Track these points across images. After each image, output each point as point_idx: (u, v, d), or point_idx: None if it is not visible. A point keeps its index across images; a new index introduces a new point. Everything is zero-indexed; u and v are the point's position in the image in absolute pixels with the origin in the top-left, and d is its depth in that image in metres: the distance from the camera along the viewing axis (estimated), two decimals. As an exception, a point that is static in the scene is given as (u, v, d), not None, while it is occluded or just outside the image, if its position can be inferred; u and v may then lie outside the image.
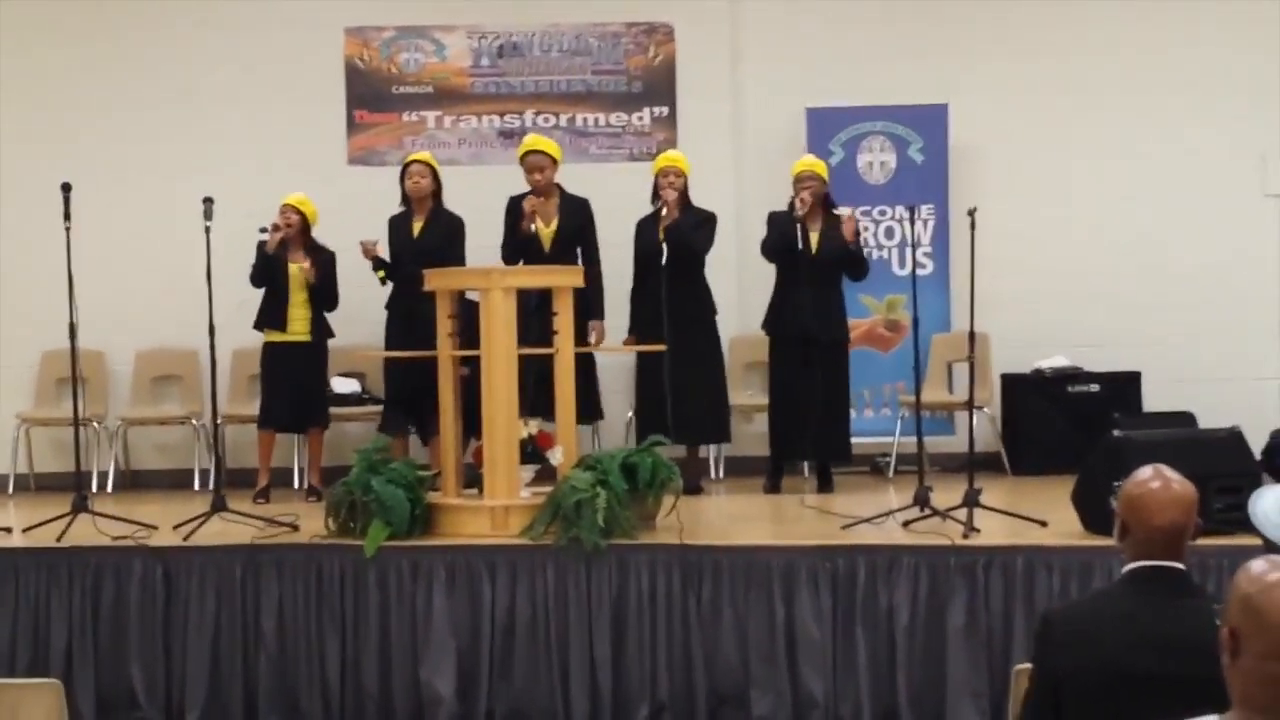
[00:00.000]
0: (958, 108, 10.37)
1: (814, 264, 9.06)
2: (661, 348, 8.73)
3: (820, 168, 9.26)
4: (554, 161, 9.12)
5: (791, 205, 9.07)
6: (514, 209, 9.10)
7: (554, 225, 9.12)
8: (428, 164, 9.28)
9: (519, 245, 9.01)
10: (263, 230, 9.16)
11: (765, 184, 9.98)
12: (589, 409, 9.01)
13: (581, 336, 8.67)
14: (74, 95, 10.55)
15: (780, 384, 9.27)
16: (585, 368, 8.86)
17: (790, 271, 9.13)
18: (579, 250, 9.13)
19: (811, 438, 9.14)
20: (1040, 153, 10.47)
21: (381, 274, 9.14)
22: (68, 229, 7.88)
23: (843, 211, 9.23)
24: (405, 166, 9.34)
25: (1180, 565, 3.69)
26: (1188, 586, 3.70)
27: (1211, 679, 2.86)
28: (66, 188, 7.90)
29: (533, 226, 8.97)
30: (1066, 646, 3.68)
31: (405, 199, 9.28)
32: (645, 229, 9.24)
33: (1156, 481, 3.74)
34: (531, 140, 9.29)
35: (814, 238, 9.12)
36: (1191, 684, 3.23)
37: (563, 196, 9.19)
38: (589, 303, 8.91)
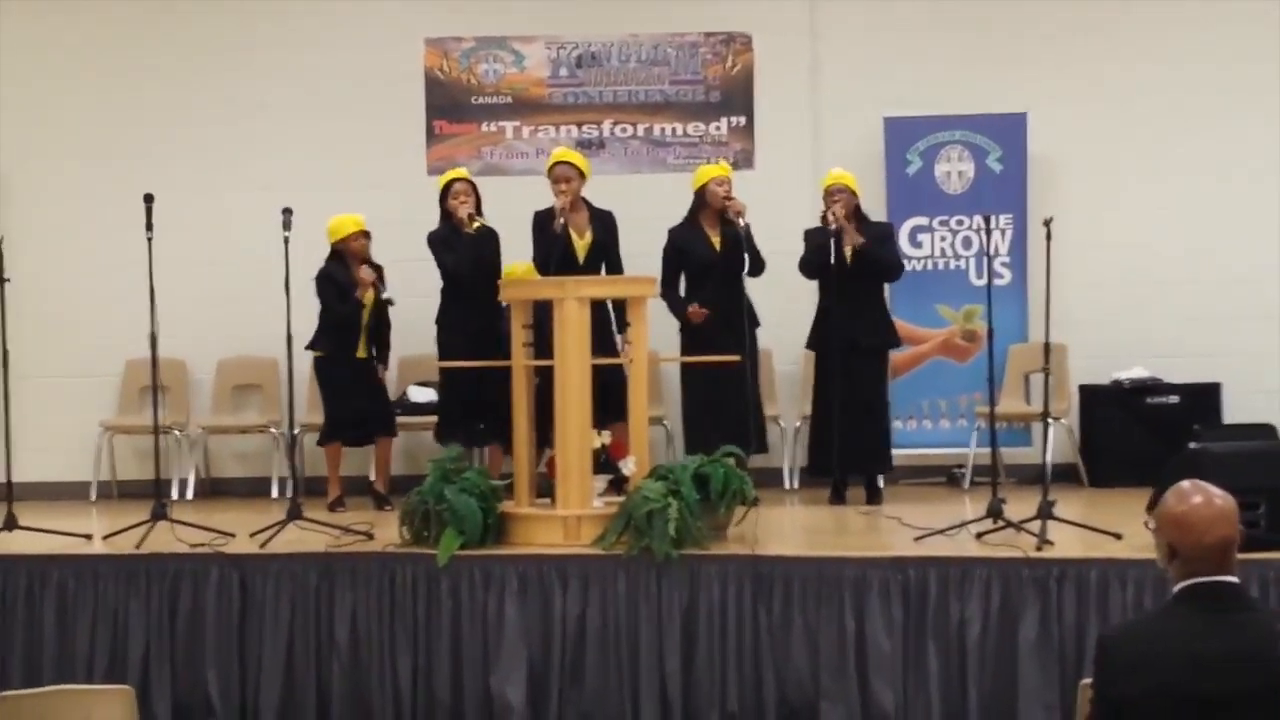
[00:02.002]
0: (1037, 117, 10.31)
1: (848, 275, 9.03)
2: (736, 358, 8.67)
3: (850, 180, 9.22)
4: (581, 174, 9.11)
5: (824, 219, 9.06)
6: (542, 222, 9.09)
7: (588, 237, 9.12)
8: (470, 181, 9.31)
9: (551, 255, 8.97)
10: (390, 302, 9.19)
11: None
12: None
13: (610, 347, 8.61)
14: (156, 108, 10.72)
15: (822, 397, 9.24)
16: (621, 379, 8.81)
17: (829, 285, 9.14)
18: (604, 263, 9.10)
19: (853, 449, 9.09)
20: (1119, 162, 10.39)
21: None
22: (150, 239, 8.00)
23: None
24: (447, 186, 9.31)
25: (1234, 579, 3.64)
26: (1244, 599, 3.66)
27: (1273, 691, 2.84)
28: (149, 199, 8.02)
29: (562, 221, 8.92)
30: (1127, 671, 3.64)
31: (445, 217, 9.27)
32: (688, 238, 9.15)
33: (1198, 497, 3.69)
34: (562, 152, 9.31)
35: (848, 250, 9.09)
36: (1256, 697, 3.20)
37: (591, 209, 9.20)
38: (620, 313, 8.81)
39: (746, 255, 8.93)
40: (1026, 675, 6.98)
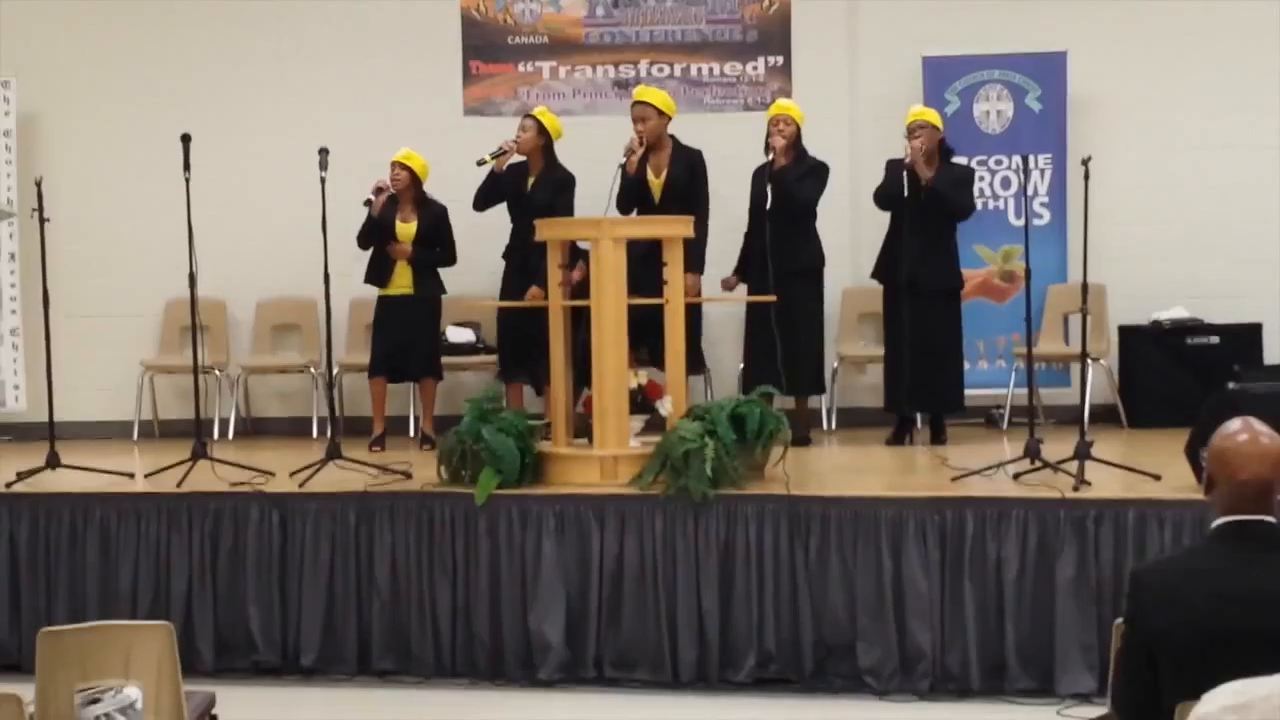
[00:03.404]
0: (1076, 56, 10.21)
1: (918, 210, 8.98)
2: (770, 299, 8.70)
3: (932, 116, 9.16)
4: (659, 113, 9.10)
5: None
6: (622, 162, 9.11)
7: (664, 176, 9.12)
8: (537, 119, 9.32)
9: (629, 193, 9.00)
10: (367, 203, 9.22)
11: (880, 133, 9.91)
12: (693, 361, 8.99)
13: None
14: (193, 49, 10.72)
15: (891, 334, 9.22)
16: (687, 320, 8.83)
17: (899, 219, 9.08)
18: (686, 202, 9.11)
19: (921, 388, 9.07)
20: (1160, 102, 10.28)
21: (488, 158, 9.16)
22: (187, 180, 8.02)
23: (959, 160, 9.15)
24: (524, 120, 9.37)
25: (1270, 519, 3.64)
26: (1277, 540, 3.65)
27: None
28: (186, 139, 8.03)
29: (632, 158, 8.94)
30: (1158, 605, 3.65)
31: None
32: (757, 178, 9.22)
33: (1244, 435, 3.69)
34: (639, 91, 9.33)
35: (923, 185, 9.05)
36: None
37: (675, 147, 9.19)
38: (690, 253, 8.87)
39: (771, 189, 8.93)
40: (1063, 616, 7.00)
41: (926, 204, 8.97)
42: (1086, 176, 7.66)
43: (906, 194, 8.94)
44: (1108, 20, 10.31)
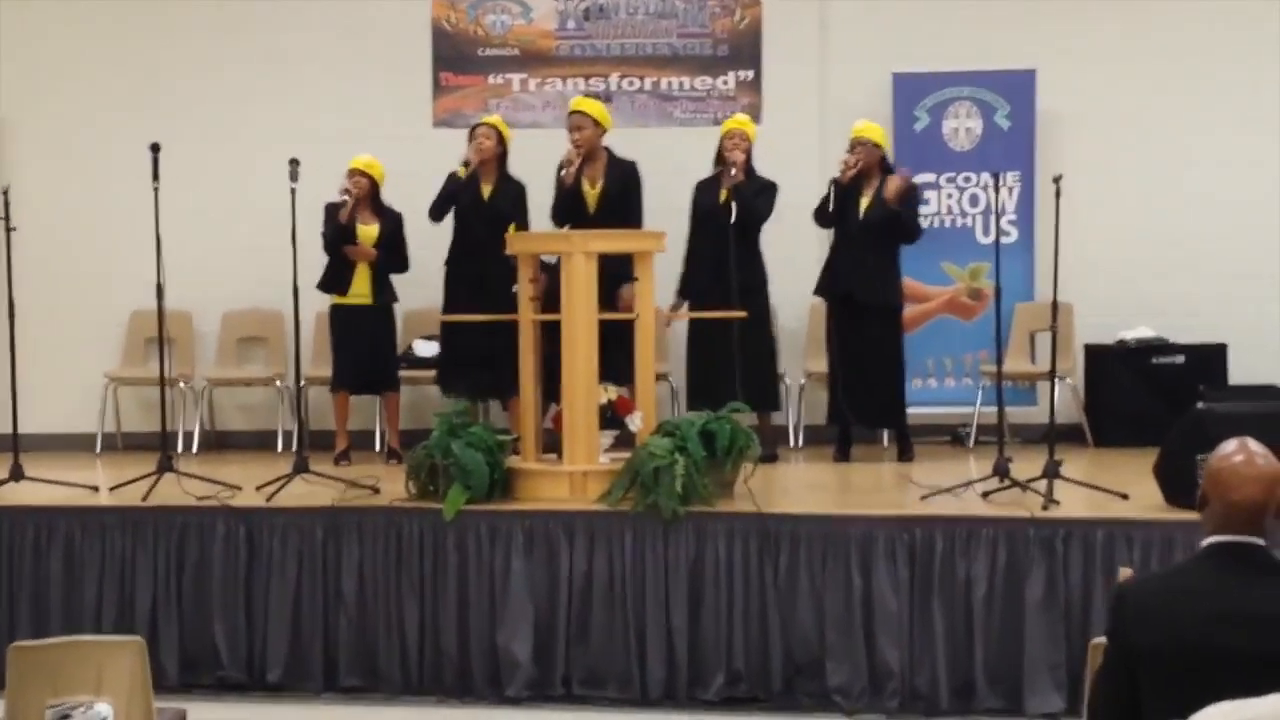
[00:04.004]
0: (1046, 74, 10.26)
1: (861, 228, 9.01)
2: (740, 314, 8.68)
3: (874, 132, 9.22)
4: (595, 123, 9.09)
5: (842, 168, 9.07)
6: (557, 173, 9.10)
7: (599, 187, 9.10)
8: (495, 127, 9.31)
9: (565, 204, 9.01)
10: (334, 205, 9.18)
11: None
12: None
13: (612, 301, 8.53)
14: (162, 58, 10.66)
15: (832, 349, 9.27)
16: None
17: (839, 236, 9.15)
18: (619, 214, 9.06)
19: (863, 401, 9.14)
20: (1128, 120, 10.33)
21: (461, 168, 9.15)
22: (156, 190, 7.97)
23: (903, 172, 9.18)
24: (473, 129, 9.36)
25: (1261, 541, 3.64)
26: (1268, 563, 3.65)
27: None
28: (155, 148, 7.99)
29: (570, 169, 8.93)
30: (1142, 622, 3.65)
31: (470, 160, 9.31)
32: (705, 191, 9.23)
33: (1240, 455, 3.69)
34: (577, 101, 9.34)
35: (864, 202, 9.07)
36: (1268, 660, 3.20)
37: (610, 159, 9.18)
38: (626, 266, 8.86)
39: (735, 205, 8.93)
40: (1032, 635, 7.01)
41: (868, 222, 8.98)
42: (1058, 194, 7.68)
43: (832, 209, 8.98)
44: (1076, 39, 10.36)
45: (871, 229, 9.06)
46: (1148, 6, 10.40)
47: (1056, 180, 7.74)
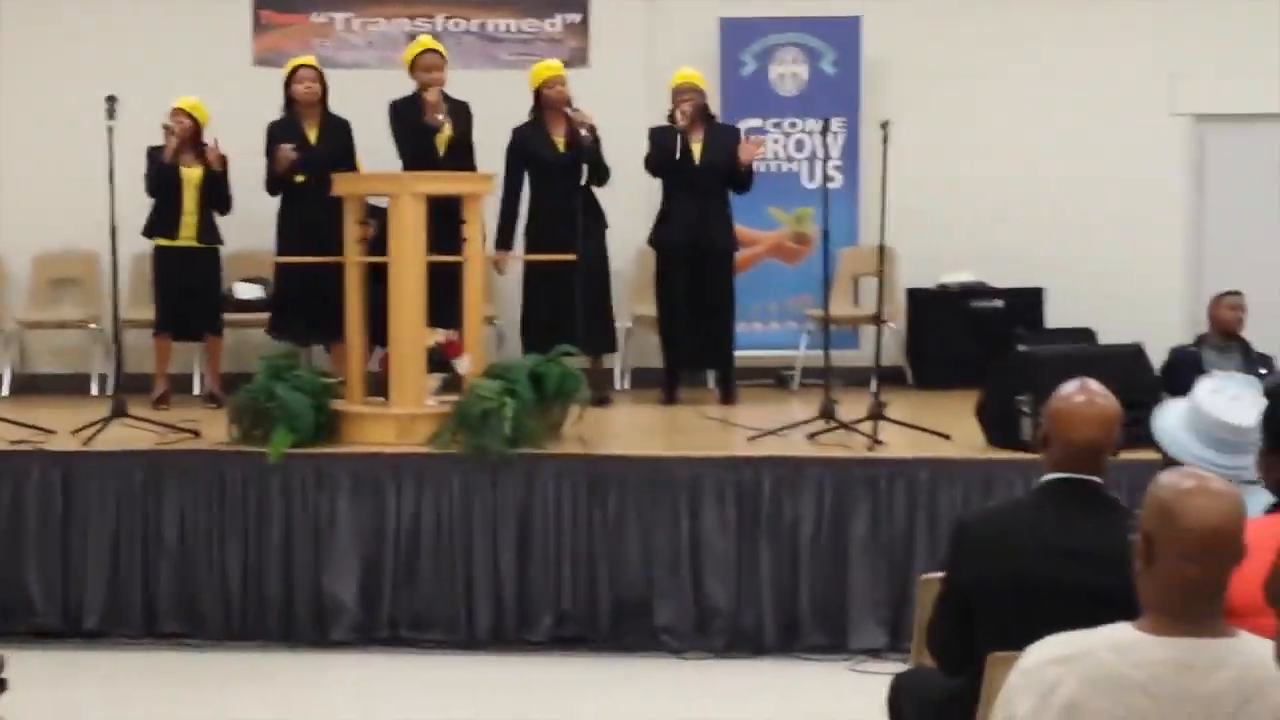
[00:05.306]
0: (871, 20, 10.34)
1: (697, 175, 9.04)
2: (572, 257, 8.65)
3: (698, 80, 9.24)
4: (446, 62, 8.99)
5: (672, 118, 9.04)
6: (403, 113, 8.94)
7: (447, 130, 8.96)
8: (317, 69, 9.15)
9: (420, 147, 8.86)
10: (166, 128, 8.94)
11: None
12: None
13: (456, 245, 8.50)
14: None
15: (667, 295, 9.26)
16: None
17: (675, 184, 9.14)
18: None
19: (698, 346, 9.20)
20: (951, 68, 10.45)
21: (300, 178, 8.95)
22: (-37, 127, 7.70)
23: (755, 138, 9.22)
24: (293, 71, 9.17)
25: (1098, 479, 3.71)
26: (1103, 500, 3.73)
27: (1123, 590, 2.91)
28: (-39, 85, 7.71)
29: (440, 116, 8.83)
30: (980, 554, 3.71)
31: (290, 105, 9.12)
32: (533, 139, 9.07)
33: (1080, 396, 3.77)
34: (425, 40, 9.18)
35: (696, 149, 9.09)
36: (1102, 593, 3.27)
37: (452, 101, 9.05)
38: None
39: (587, 166, 8.87)
40: (857, 573, 7.13)
41: (703, 168, 9.01)
42: (885, 140, 7.75)
43: (679, 157, 8.97)
44: (901, -14, 10.45)
45: (709, 176, 9.07)
46: (971, -45, 10.53)
47: (884, 126, 7.82)
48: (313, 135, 9.09)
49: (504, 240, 9.16)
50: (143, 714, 6.54)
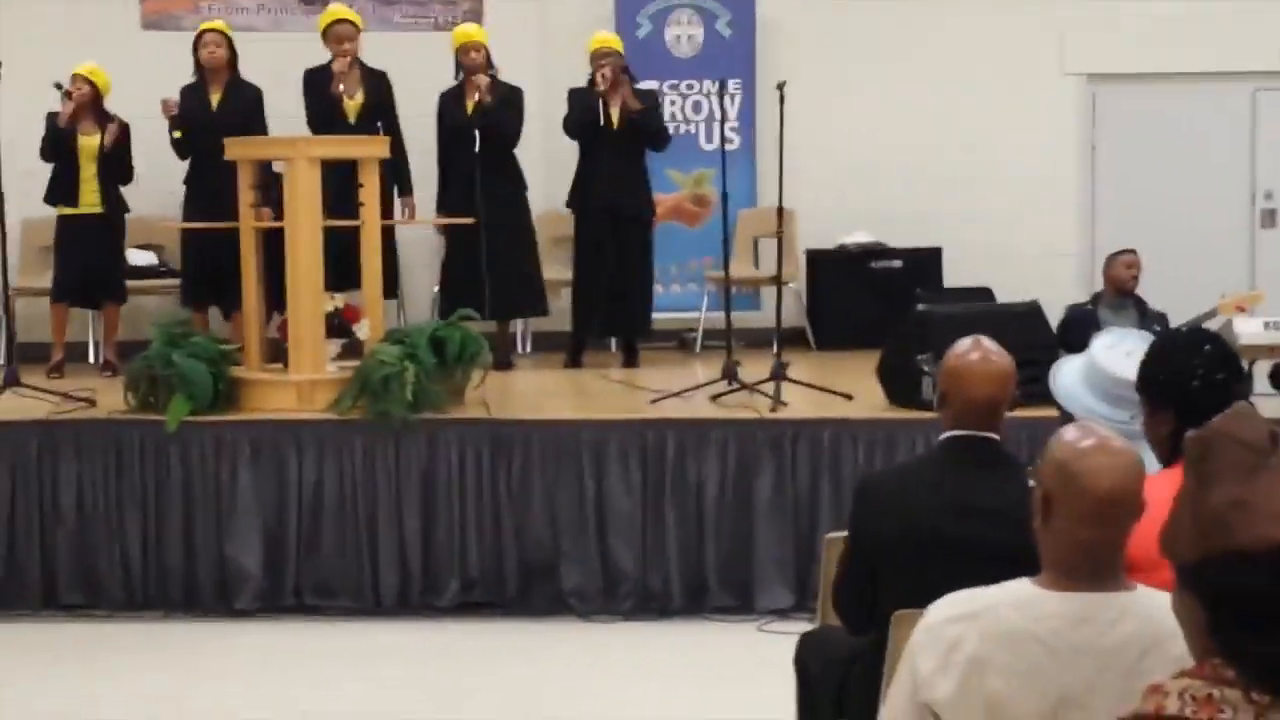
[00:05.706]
0: (766, -18, 10.35)
1: (616, 138, 9.02)
2: (470, 220, 8.63)
3: (616, 43, 9.25)
4: (359, 32, 8.94)
5: (592, 81, 9.02)
6: (314, 82, 8.91)
7: (359, 98, 8.95)
8: (223, 33, 9.04)
9: (327, 115, 8.82)
10: (58, 86, 8.78)
11: (571, 57, 9.84)
12: (388, 284, 8.87)
13: (387, 211, 8.55)
14: None
15: (585, 259, 9.26)
16: (386, 244, 8.69)
17: (593, 147, 9.10)
18: (380, 124, 8.97)
19: (613, 312, 9.21)
20: (846, 30, 10.49)
21: (178, 134, 8.86)
22: None
23: (649, 85, 9.22)
24: (199, 35, 9.07)
25: (995, 436, 3.75)
26: (1001, 457, 3.77)
27: (1022, 546, 2.94)
28: None
29: (341, 87, 8.78)
30: (882, 513, 3.74)
31: (198, 69, 9.02)
32: (451, 104, 9.08)
33: (975, 354, 3.79)
34: (338, 9, 9.10)
35: (615, 112, 9.07)
36: (1002, 550, 3.31)
37: (364, 69, 9.01)
38: (399, 177, 8.85)
39: (480, 129, 8.84)
40: (762, 534, 7.16)
41: (622, 132, 9.01)
42: (782, 101, 7.77)
43: (602, 122, 8.96)
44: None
45: (626, 138, 9.05)
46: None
47: (780, 87, 7.83)
48: (215, 100, 8.97)
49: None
50: (44, 687, 6.45)
